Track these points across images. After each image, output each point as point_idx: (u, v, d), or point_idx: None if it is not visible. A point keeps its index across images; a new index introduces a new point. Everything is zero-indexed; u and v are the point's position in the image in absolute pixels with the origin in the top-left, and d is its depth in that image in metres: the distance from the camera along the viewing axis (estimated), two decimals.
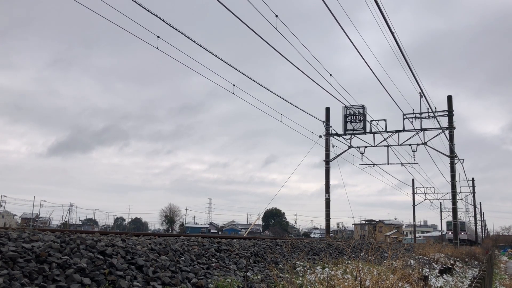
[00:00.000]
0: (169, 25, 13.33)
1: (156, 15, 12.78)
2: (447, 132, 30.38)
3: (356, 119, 31.69)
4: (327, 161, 33.16)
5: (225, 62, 16.18)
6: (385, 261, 7.42)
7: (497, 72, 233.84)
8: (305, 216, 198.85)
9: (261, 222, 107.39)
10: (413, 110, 30.87)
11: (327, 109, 33.86)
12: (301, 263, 8.20)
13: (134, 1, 11.87)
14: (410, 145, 31.76)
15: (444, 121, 30.59)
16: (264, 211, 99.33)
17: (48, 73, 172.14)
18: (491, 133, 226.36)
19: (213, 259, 6.56)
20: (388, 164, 32.65)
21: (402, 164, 33.05)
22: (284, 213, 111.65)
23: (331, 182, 33.24)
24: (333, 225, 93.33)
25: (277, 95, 22.04)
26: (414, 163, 32.55)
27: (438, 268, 13.69)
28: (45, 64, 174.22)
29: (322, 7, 10.04)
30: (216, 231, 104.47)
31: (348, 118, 31.82)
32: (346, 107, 31.32)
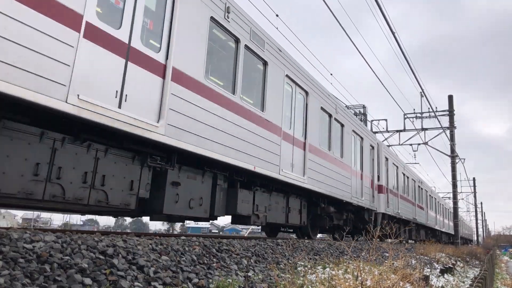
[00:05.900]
0: None
1: None
2: (448, 132, 30.37)
3: None
4: None
5: None
6: (386, 261, 7.41)
7: (506, 76, 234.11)
8: None
9: None
10: (414, 109, 30.95)
11: None
12: (302, 263, 8.20)
13: None
14: (411, 144, 31.77)
15: (445, 121, 30.63)
16: None
17: None
18: (496, 135, 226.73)
19: (214, 259, 6.56)
20: None
21: None
22: None
23: None
24: None
25: None
26: (415, 163, 32.58)
27: (439, 267, 13.68)
28: None
29: (332, 10, 10.02)
30: (217, 231, 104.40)
31: None
32: (346, 107, 31.31)
